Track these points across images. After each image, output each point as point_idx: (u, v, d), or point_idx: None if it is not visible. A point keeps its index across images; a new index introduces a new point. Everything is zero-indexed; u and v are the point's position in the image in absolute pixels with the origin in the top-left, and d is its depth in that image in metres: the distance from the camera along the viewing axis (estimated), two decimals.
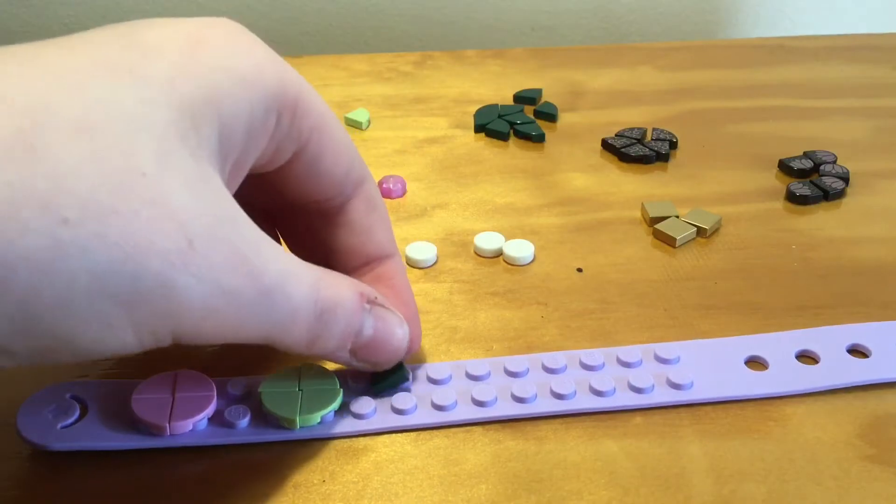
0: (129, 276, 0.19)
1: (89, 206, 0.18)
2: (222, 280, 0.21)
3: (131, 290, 0.19)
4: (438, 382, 0.29)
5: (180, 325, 0.21)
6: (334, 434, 0.27)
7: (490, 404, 0.28)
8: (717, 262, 0.36)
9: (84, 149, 0.19)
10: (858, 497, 0.25)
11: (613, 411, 0.28)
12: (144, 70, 0.21)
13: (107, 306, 0.19)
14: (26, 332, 0.19)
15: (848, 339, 0.31)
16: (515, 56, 0.58)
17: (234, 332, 0.22)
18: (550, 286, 0.34)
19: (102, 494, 0.25)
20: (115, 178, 0.19)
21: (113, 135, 0.19)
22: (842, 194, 0.41)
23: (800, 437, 0.27)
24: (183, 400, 0.26)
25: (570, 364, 0.29)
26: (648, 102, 0.51)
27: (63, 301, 0.19)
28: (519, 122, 0.48)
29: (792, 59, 0.57)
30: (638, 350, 0.30)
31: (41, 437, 0.26)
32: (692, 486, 0.25)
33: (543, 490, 0.25)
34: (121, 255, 0.19)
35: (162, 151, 0.20)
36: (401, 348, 0.27)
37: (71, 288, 0.19)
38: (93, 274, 0.19)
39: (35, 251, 0.18)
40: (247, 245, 0.22)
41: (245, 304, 0.22)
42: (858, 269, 0.36)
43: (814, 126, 0.48)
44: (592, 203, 0.41)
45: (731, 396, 0.28)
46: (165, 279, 0.20)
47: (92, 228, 0.18)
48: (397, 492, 0.25)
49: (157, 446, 0.26)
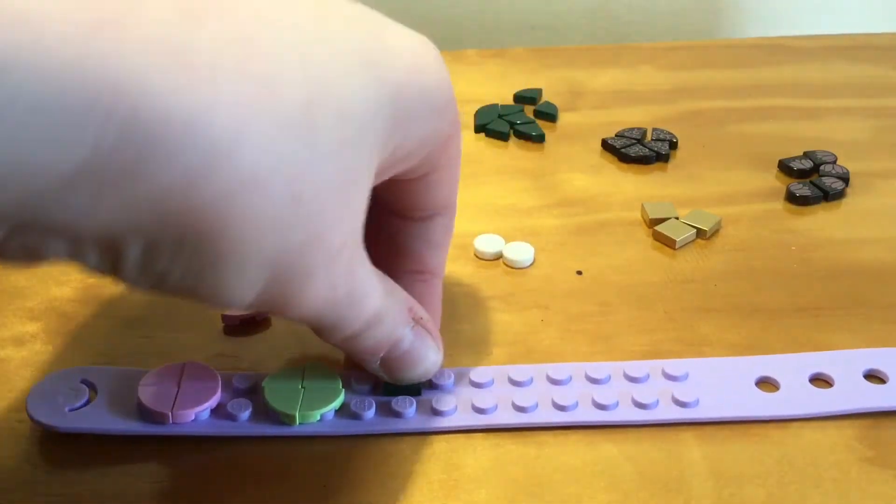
0: (291, 256, 0.20)
1: (318, 194, 0.20)
2: (337, 285, 0.22)
3: (280, 267, 0.20)
4: (439, 388, 0.29)
5: (292, 306, 0.22)
6: (333, 432, 0.27)
7: (490, 411, 0.28)
8: (717, 264, 0.36)
9: (340, 137, 0.20)
10: (858, 499, 0.25)
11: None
12: (385, 70, 0.22)
13: (259, 268, 0.20)
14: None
15: (865, 363, 0.30)
16: (515, 56, 0.58)
17: (317, 321, 0.23)
18: (550, 289, 0.34)
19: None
20: (345, 175, 0.20)
21: (356, 132, 0.20)
22: (842, 194, 0.41)
23: (799, 440, 0.27)
24: (187, 390, 0.27)
25: (574, 376, 0.29)
26: (648, 102, 0.51)
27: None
28: (519, 122, 0.48)
29: (792, 59, 0.57)
30: (646, 365, 0.29)
31: (49, 417, 0.27)
32: (692, 489, 0.25)
33: (543, 494, 0.25)
34: (298, 241, 0.20)
35: (371, 165, 0.21)
36: (429, 372, 0.28)
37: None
38: (275, 239, 0.20)
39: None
40: (359, 257, 0.23)
41: (334, 305, 0.23)
42: (858, 269, 0.36)
43: (814, 126, 0.48)
44: (592, 204, 0.41)
45: (737, 417, 0.28)
46: (310, 272, 0.21)
47: (307, 212, 0.20)
48: (397, 497, 0.25)
49: (159, 433, 0.27)
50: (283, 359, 0.30)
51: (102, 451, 0.27)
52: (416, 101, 0.23)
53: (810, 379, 0.29)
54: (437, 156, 0.26)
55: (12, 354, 0.31)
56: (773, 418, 0.28)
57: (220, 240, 0.19)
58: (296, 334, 0.32)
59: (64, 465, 0.26)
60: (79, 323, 0.32)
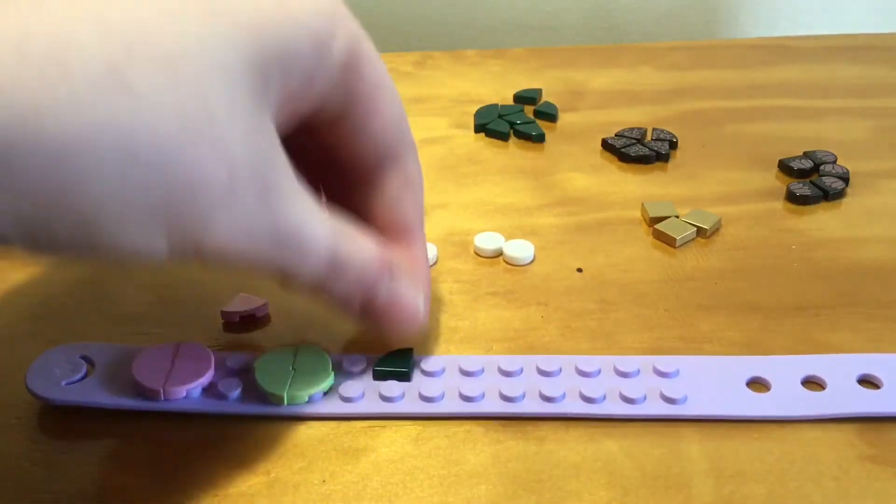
0: (175, 200, 0.21)
1: (161, 141, 0.20)
2: (250, 220, 0.22)
3: (171, 213, 0.21)
4: (429, 374, 0.29)
5: (205, 247, 0.22)
6: (321, 414, 0.27)
7: (478, 399, 0.28)
8: (717, 262, 0.36)
9: (168, 83, 0.20)
10: (858, 497, 0.25)
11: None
12: (233, 13, 0.21)
13: (147, 216, 0.20)
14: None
15: (860, 368, 0.29)
16: (515, 56, 0.58)
17: (251, 262, 0.23)
18: (550, 286, 0.34)
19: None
20: (189, 117, 0.20)
21: (195, 74, 0.20)
22: (842, 194, 0.41)
23: (800, 438, 0.27)
24: (180, 368, 0.28)
25: (564, 368, 0.29)
26: (648, 102, 0.51)
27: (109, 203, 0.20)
28: (519, 122, 0.48)
29: (792, 59, 0.57)
30: (637, 361, 0.29)
31: (45, 390, 0.27)
32: (692, 486, 0.25)
33: (543, 490, 0.25)
34: (176, 186, 0.20)
35: (233, 99, 0.21)
36: (415, 318, 0.28)
37: (124, 203, 0.20)
38: (145, 189, 0.20)
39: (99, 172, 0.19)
40: (278, 192, 0.23)
41: (263, 242, 0.23)
42: (858, 269, 0.36)
43: (814, 126, 0.48)
44: (592, 203, 0.41)
45: (725, 415, 0.27)
46: (204, 211, 0.21)
47: (157, 160, 0.20)
48: (397, 492, 0.25)
49: (149, 409, 0.27)
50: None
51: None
52: (285, 39, 0.22)
53: (802, 381, 0.29)
54: (347, 89, 0.25)
55: (11, 352, 0.31)
56: (762, 418, 0.27)
57: (82, 206, 0.19)
58: (295, 330, 0.32)
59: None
60: (78, 320, 0.32)
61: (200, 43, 0.21)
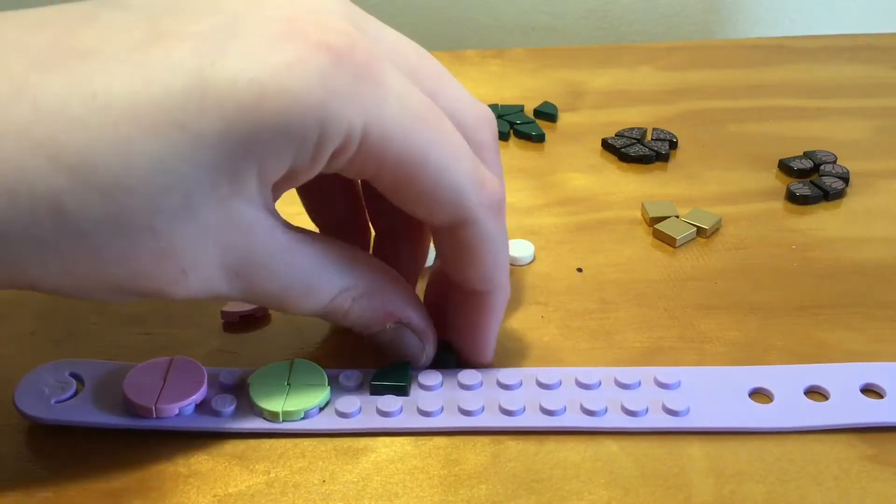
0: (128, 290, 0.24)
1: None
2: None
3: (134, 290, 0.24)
4: (427, 388, 0.28)
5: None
6: (316, 430, 0.27)
7: (477, 413, 0.27)
8: (717, 262, 0.36)
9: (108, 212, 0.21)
10: (859, 497, 0.25)
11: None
12: (200, 120, 0.21)
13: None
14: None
15: (863, 377, 0.29)
16: (515, 56, 0.58)
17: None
18: (550, 286, 0.34)
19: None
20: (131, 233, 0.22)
21: (146, 190, 0.22)
22: (842, 194, 0.41)
23: (800, 437, 0.27)
24: (172, 385, 0.27)
25: (564, 381, 0.29)
26: (648, 102, 0.51)
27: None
28: (519, 121, 0.48)
29: (792, 59, 0.57)
30: (638, 372, 0.29)
31: (34, 409, 0.27)
32: (692, 486, 0.25)
33: (543, 490, 0.25)
34: (124, 288, 0.23)
35: (186, 204, 0.22)
36: (415, 363, 0.29)
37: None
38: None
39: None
40: (266, 273, 0.25)
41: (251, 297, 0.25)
42: (858, 269, 0.36)
43: (814, 126, 0.48)
44: (592, 203, 0.41)
45: (729, 427, 0.27)
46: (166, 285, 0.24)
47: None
48: (397, 492, 0.25)
49: (140, 427, 0.27)
50: (281, 354, 0.30)
51: (90, 448, 0.27)
52: (260, 129, 0.22)
53: (805, 391, 0.29)
54: (375, 163, 0.24)
55: (11, 352, 0.31)
56: (766, 430, 0.27)
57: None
58: (295, 329, 0.32)
59: (51, 459, 0.26)
60: (78, 320, 0.32)
61: (150, 163, 0.21)
